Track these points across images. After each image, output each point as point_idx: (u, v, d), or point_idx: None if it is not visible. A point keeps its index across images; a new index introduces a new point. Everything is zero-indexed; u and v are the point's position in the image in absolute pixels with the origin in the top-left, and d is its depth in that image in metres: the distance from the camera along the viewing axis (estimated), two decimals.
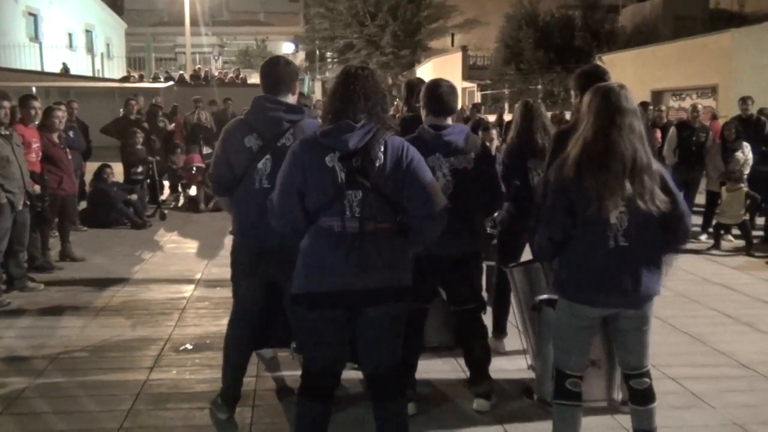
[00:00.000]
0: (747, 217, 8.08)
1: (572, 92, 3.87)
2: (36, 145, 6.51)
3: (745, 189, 7.99)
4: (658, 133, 9.45)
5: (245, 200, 3.26)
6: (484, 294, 4.19)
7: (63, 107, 7.80)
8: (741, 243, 8.07)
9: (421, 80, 4.56)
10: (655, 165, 2.79)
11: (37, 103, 6.69)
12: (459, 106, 11.50)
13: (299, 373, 2.88)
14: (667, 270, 2.90)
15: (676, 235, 2.87)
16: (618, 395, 3.58)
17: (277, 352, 4.37)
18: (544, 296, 3.50)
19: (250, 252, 3.31)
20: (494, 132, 5.02)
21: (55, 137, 7.02)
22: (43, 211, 6.24)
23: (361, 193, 2.67)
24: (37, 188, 6.20)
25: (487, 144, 4.86)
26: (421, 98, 3.67)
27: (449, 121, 3.62)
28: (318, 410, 2.85)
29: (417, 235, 2.80)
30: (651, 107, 10.64)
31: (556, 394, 2.97)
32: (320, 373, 2.83)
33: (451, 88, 3.66)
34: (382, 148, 2.69)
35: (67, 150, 7.37)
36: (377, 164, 2.68)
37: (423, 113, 3.67)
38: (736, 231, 8.20)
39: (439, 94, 3.58)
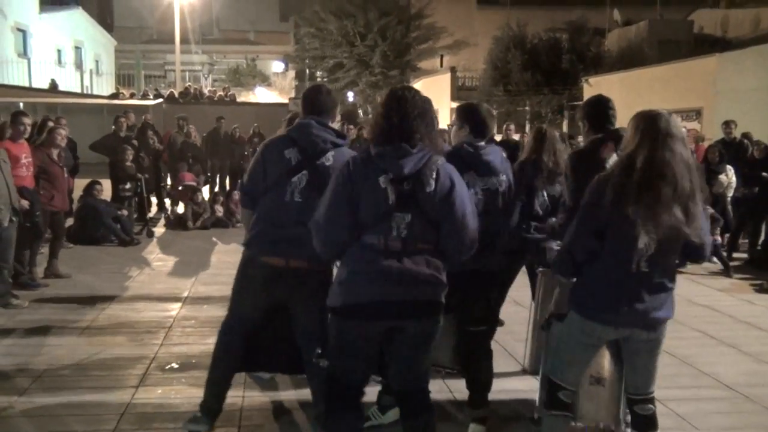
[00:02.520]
0: (716, 238, 8.07)
1: (580, 123, 3.86)
2: (27, 161, 6.49)
3: (710, 211, 7.98)
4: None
5: (272, 211, 3.24)
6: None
7: (65, 123, 7.81)
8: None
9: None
10: (700, 194, 2.74)
11: (27, 120, 6.69)
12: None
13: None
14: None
15: (691, 259, 2.93)
16: (626, 418, 3.38)
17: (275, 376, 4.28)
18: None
19: (265, 269, 3.24)
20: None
21: (54, 154, 7.02)
22: (34, 227, 6.20)
23: (410, 216, 2.70)
24: (25, 203, 6.17)
25: None
26: (459, 117, 3.67)
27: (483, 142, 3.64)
28: (354, 417, 2.89)
29: (448, 258, 2.85)
30: None
31: (548, 404, 2.98)
32: (350, 384, 2.87)
33: (490, 112, 3.76)
34: (434, 175, 2.73)
35: (65, 168, 7.36)
36: (428, 190, 2.72)
37: (458, 131, 3.66)
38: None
39: (482, 116, 3.63)
